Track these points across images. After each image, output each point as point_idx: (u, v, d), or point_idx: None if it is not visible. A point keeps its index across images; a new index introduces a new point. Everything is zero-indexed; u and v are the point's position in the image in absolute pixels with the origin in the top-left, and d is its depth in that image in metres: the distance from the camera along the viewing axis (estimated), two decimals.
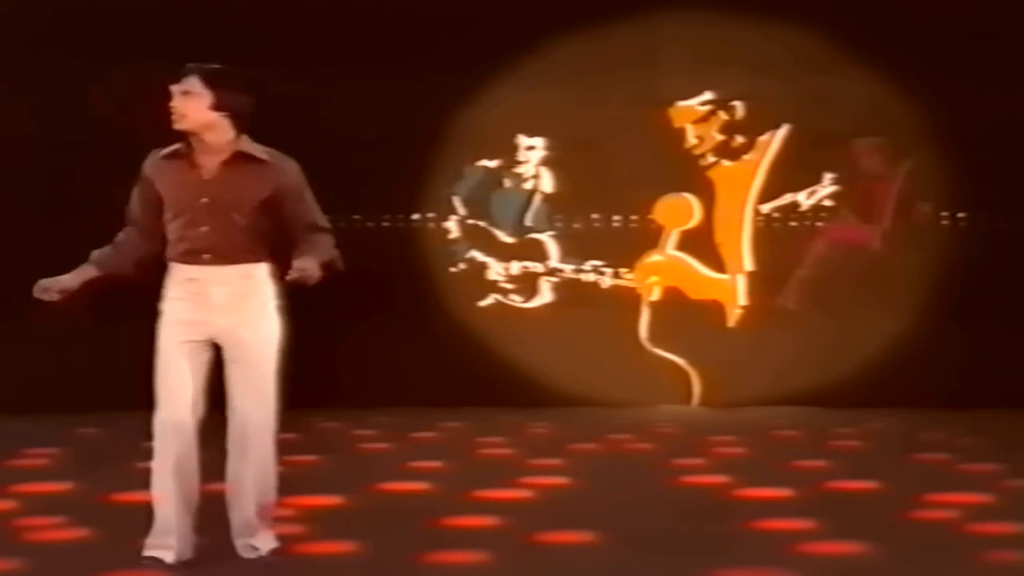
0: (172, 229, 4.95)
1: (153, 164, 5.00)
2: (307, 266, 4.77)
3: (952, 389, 9.43)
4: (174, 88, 4.89)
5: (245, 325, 4.93)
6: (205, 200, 4.90)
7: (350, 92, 9.57)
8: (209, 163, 4.92)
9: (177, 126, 4.90)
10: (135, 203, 5.06)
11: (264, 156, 4.96)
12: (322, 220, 5.04)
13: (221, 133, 4.92)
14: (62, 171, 9.40)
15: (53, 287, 4.92)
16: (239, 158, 4.94)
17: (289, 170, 4.99)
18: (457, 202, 10.22)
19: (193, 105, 4.87)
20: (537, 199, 10.23)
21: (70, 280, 4.96)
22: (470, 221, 10.24)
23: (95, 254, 5.07)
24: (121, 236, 5.09)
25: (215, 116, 4.88)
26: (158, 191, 4.97)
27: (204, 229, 4.89)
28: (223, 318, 4.91)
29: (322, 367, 8.78)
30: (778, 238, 10.08)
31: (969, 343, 9.57)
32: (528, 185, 10.24)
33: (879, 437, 8.50)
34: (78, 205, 9.14)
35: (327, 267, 4.93)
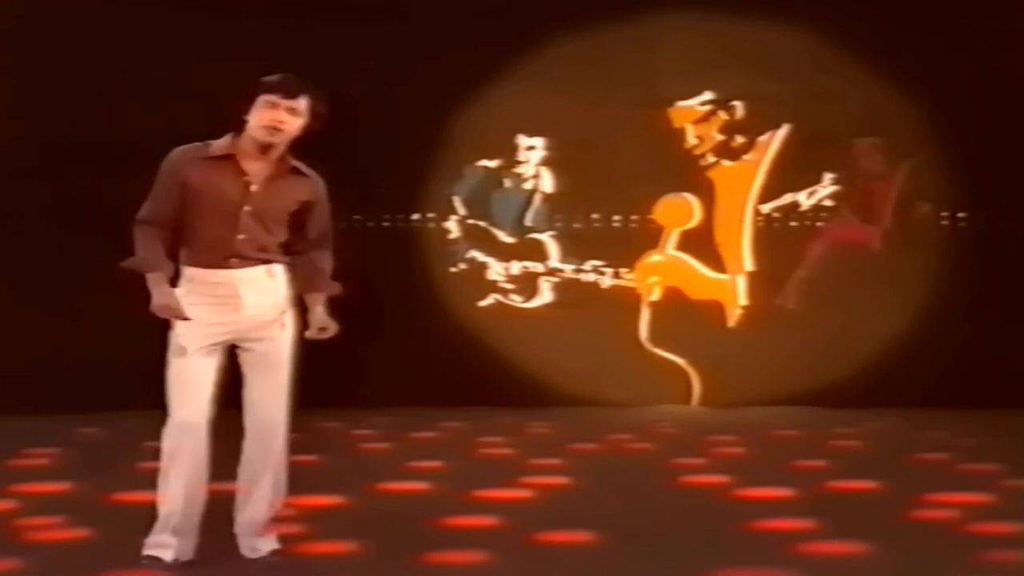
0: (203, 235, 4.83)
1: (192, 163, 4.82)
2: (327, 325, 4.98)
3: (952, 389, 9.44)
4: (282, 102, 4.76)
5: (271, 324, 4.92)
6: (248, 208, 4.83)
7: (350, 92, 9.55)
8: (257, 172, 4.84)
9: (273, 139, 4.79)
10: (164, 200, 4.82)
11: (306, 170, 4.96)
12: (330, 235, 5.09)
13: (284, 148, 4.89)
14: (62, 171, 9.39)
15: (178, 306, 4.77)
16: (286, 170, 4.91)
17: (322, 184, 5.02)
18: (457, 202, 10.22)
19: (296, 124, 4.81)
20: (537, 199, 10.23)
21: (170, 294, 4.78)
22: (470, 221, 10.24)
23: (147, 261, 4.79)
24: (149, 239, 4.81)
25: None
26: (191, 190, 4.80)
27: (241, 237, 4.83)
28: (250, 319, 4.87)
29: (322, 367, 8.77)
30: (778, 238, 10.08)
31: (969, 343, 9.58)
32: (528, 185, 10.23)
33: (879, 437, 8.50)
34: (77, 206, 9.15)
35: (331, 302, 5.06)
